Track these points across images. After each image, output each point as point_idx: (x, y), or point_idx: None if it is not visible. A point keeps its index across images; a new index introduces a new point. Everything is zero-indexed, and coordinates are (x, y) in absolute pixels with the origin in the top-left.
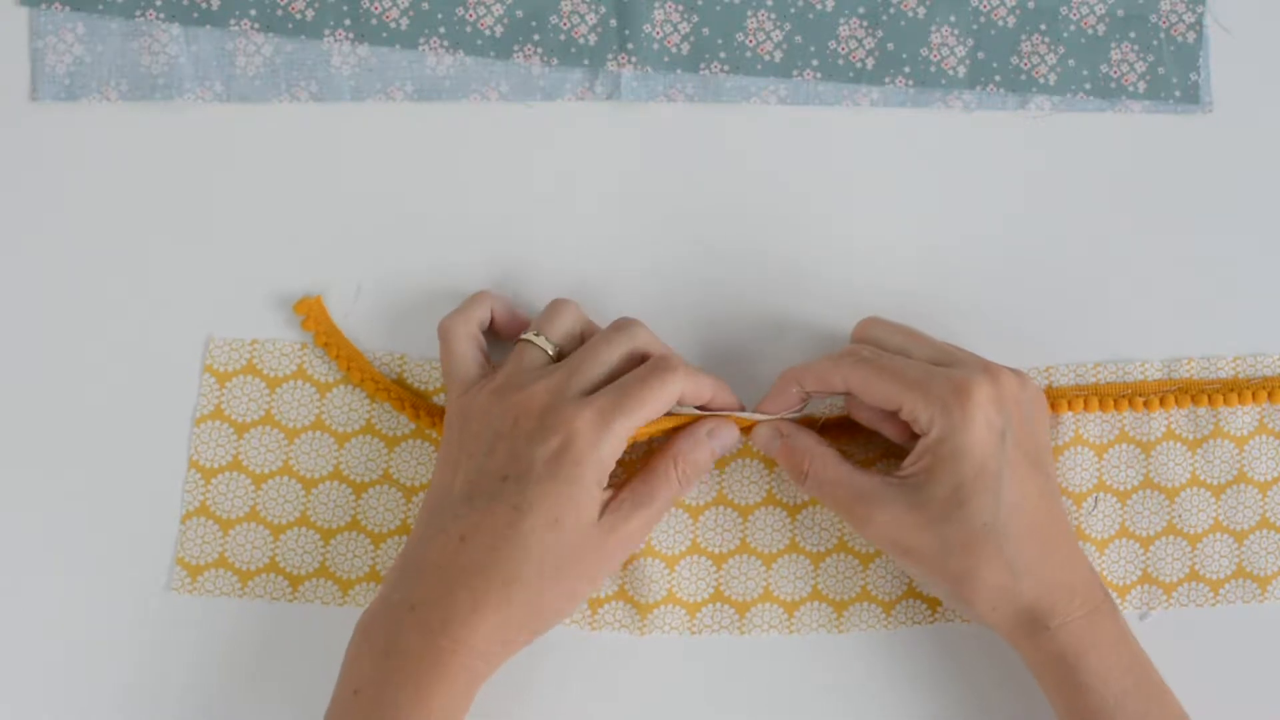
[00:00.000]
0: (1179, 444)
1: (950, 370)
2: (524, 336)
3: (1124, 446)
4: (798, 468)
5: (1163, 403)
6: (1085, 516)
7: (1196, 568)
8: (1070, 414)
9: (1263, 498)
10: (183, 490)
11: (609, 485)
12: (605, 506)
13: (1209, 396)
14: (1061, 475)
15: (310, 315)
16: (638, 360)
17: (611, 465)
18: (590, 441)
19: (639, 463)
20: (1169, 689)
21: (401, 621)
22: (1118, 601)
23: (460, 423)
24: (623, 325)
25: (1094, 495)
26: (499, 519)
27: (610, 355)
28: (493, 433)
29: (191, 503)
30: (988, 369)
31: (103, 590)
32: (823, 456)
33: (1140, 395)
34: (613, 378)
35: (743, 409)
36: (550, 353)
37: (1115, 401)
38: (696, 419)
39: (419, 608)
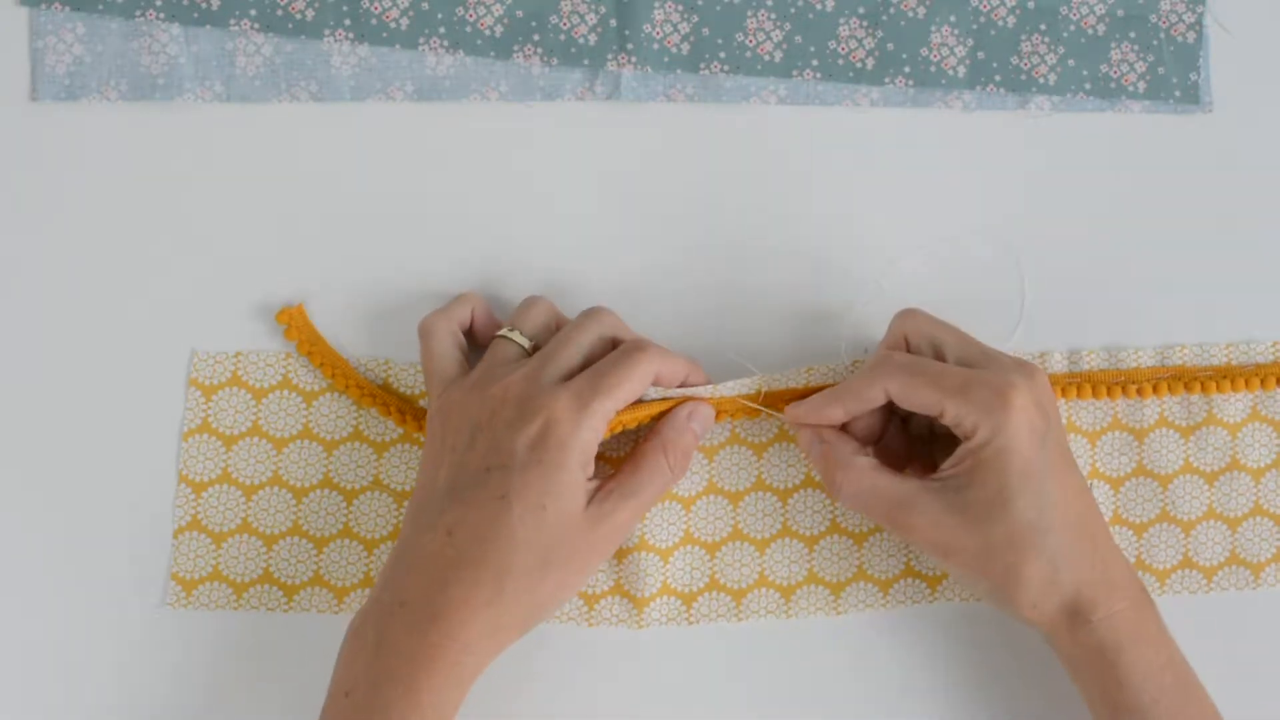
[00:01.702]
0: (1172, 431)
1: (988, 374)
2: (499, 333)
3: (1117, 434)
4: (830, 478)
5: (1155, 390)
6: None
7: (1190, 555)
8: (1063, 401)
9: (1255, 484)
10: (174, 505)
11: (594, 476)
12: (592, 496)
13: (1202, 383)
14: None
15: (292, 324)
16: (609, 346)
17: (593, 449)
18: (570, 425)
19: (624, 457)
20: (1205, 690)
21: (392, 619)
22: None
23: (441, 419)
24: (592, 313)
25: (1087, 483)
26: (485, 510)
27: (583, 341)
28: (472, 426)
29: (183, 517)
30: (1022, 368)
31: (98, 609)
32: (858, 468)
33: (1133, 382)
34: (586, 363)
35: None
36: (525, 346)
37: (1108, 388)
38: (674, 403)
39: (409, 604)
